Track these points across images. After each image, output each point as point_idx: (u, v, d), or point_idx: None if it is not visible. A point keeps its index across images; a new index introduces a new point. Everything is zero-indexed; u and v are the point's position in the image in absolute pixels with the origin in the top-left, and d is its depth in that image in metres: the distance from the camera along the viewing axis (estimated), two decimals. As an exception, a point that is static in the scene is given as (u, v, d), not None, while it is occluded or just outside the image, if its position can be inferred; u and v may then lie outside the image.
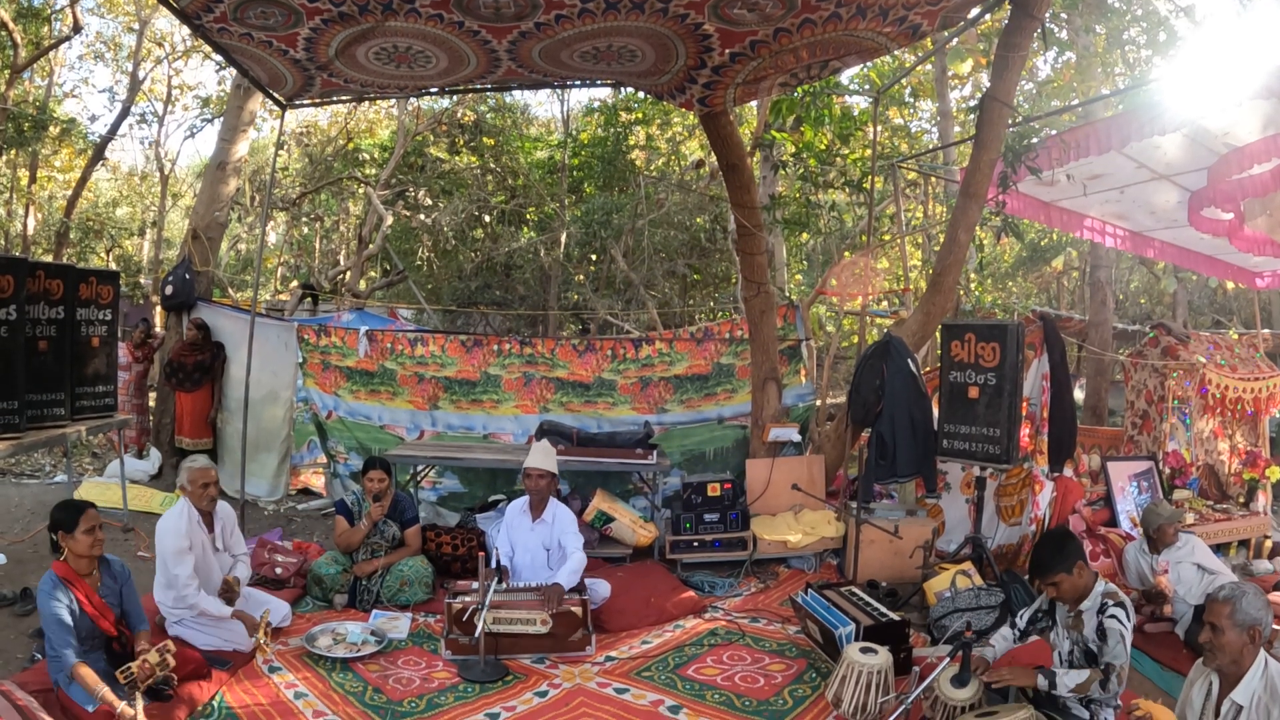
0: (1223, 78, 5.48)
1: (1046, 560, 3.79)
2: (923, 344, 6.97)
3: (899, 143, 15.40)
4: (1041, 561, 3.82)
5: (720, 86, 6.32)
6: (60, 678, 3.77)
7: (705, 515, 6.59)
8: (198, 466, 4.91)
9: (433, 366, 8.08)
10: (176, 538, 4.61)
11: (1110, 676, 3.54)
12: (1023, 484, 6.44)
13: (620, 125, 17.23)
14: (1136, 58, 12.23)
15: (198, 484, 4.85)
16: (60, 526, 4.02)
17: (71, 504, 4.09)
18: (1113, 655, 3.57)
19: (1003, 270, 20.33)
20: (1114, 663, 3.55)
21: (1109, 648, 3.59)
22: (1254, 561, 6.76)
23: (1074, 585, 3.75)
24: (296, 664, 4.71)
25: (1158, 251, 9.39)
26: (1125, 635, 3.58)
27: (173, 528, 4.66)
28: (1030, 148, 6.37)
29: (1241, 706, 3.02)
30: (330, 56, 5.67)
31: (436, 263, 18.73)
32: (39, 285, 6.16)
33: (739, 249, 8.03)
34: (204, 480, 4.87)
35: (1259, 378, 7.93)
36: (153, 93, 19.28)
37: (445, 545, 6.24)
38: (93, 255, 19.06)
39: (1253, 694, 3.01)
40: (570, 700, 4.38)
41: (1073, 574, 3.74)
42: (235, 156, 9.49)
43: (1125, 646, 3.57)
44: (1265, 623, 3.05)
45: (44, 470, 9.05)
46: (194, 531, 4.75)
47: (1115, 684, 3.54)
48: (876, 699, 4.10)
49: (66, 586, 3.92)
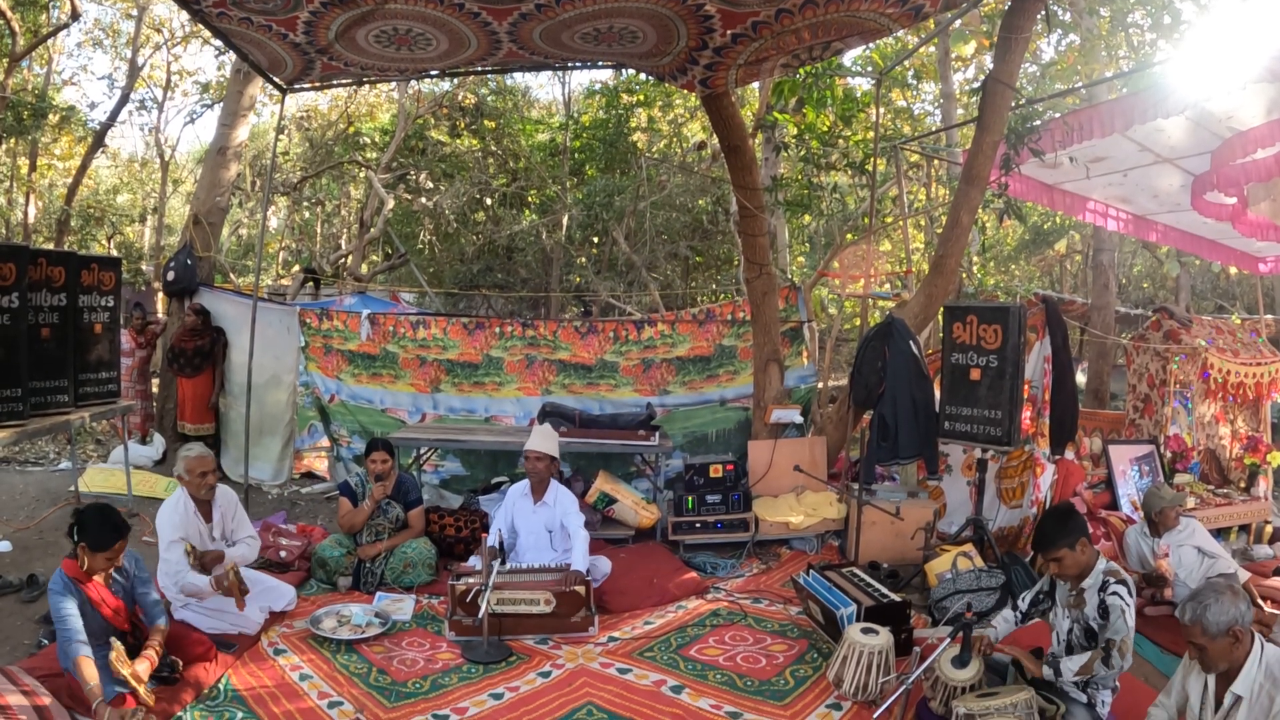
0: (1227, 61, 5.44)
1: (1050, 534, 3.78)
2: (925, 326, 6.97)
3: (901, 125, 15.32)
4: (1046, 536, 3.81)
5: (722, 68, 6.29)
6: (70, 665, 3.74)
7: (707, 497, 6.62)
8: (194, 455, 4.86)
9: (434, 349, 8.09)
10: (170, 529, 4.60)
11: (1112, 652, 3.54)
12: (1024, 466, 6.45)
13: (622, 107, 17.16)
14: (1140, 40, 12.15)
15: (195, 473, 4.80)
16: (86, 539, 3.85)
17: (110, 524, 3.89)
18: (1114, 631, 3.57)
19: (1005, 253, 20.29)
20: (1115, 638, 3.55)
21: (1111, 624, 3.59)
22: (1254, 546, 6.77)
23: (1076, 561, 3.75)
24: (301, 646, 4.74)
25: (1160, 235, 9.36)
26: (1127, 612, 3.57)
27: (167, 519, 4.64)
28: (1033, 130, 6.35)
29: (1242, 697, 3.00)
30: (330, 40, 5.65)
31: (438, 246, 18.70)
32: (41, 273, 6.16)
33: (741, 231, 8.02)
34: (201, 469, 4.82)
35: (1261, 363, 7.92)
36: (152, 79, 19.17)
37: (448, 527, 6.28)
38: (94, 243, 18.99)
39: (1252, 683, 2.99)
40: (573, 680, 4.41)
41: (1076, 550, 3.73)
42: (236, 142, 9.46)
43: (1127, 622, 3.56)
44: (1240, 616, 3.01)
45: (48, 457, 9.08)
46: (189, 522, 4.74)
47: (1118, 659, 3.54)
48: (877, 679, 4.13)
49: (77, 586, 3.83)
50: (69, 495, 7.25)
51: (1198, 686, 3.20)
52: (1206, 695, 3.15)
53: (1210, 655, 3.05)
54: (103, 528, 3.87)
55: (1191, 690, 3.23)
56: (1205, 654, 3.06)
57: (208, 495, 4.88)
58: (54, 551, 5.96)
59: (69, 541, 3.94)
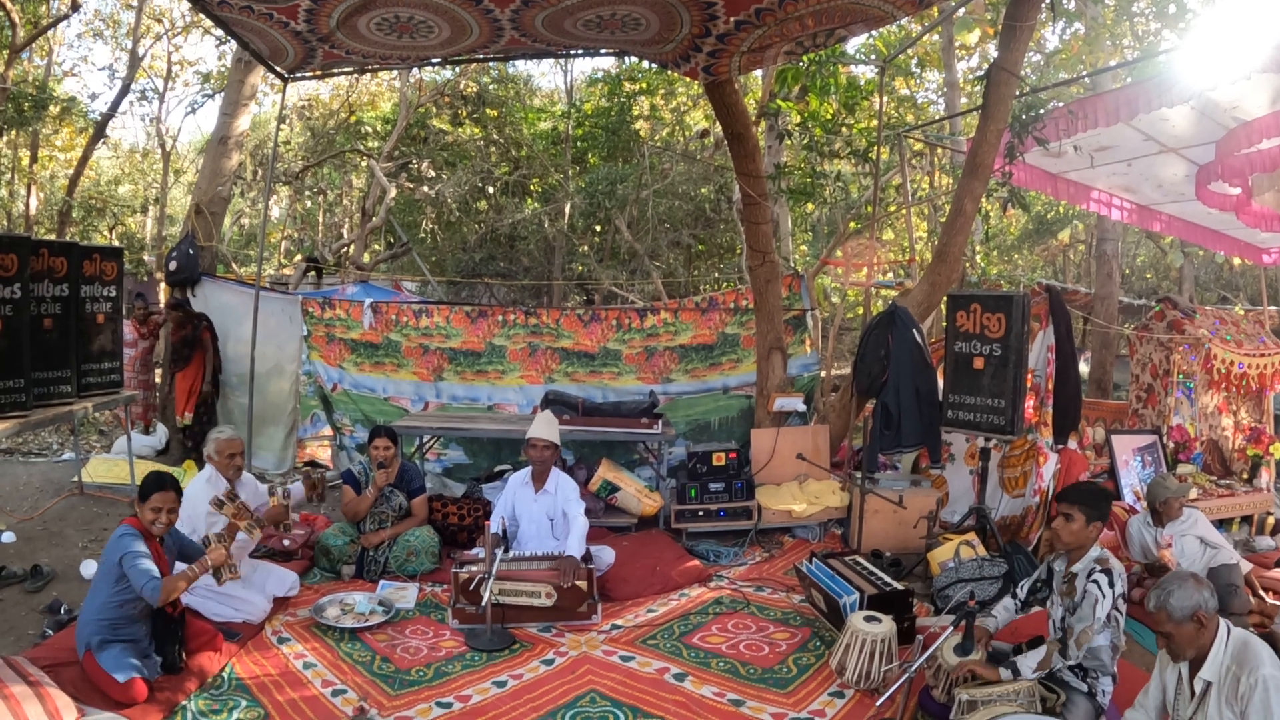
0: (1232, 51, 5.41)
1: (1081, 493, 3.83)
2: (928, 314, 6.96)
3: (905, 113, 15.27)
4: (1076, 490, 3.87)
5: (725, 55, 6.27)
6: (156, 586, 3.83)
7: (710, 484, 6.63)
8: (224, 437, 5.03)
9: (437, 338, 8.09)
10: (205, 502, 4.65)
11: (1069, 642, 3.56)
12: (1027, 456, 6.45)
13: (624, 95, 17.09)
14: (1145, 30, 12.08)
15: (224, 454, 4.97)
16: (140, 492, 4.11)
17: (154, 478, 4.14)
18: (1079, 618, 3.59)
19: (1008, 242, 20.24)
20: (1076, 625, 3.58)
21: (1081, 609, 3.61)
22: (1256, 538, 6.76)
23: (1076, 534, 3.76)
24: (305, 634, 4.76)
25: (1165, 225, 9.32)
26: (1101, 602, 3.58)
27: (202, 492, 4.77)
28: (1037, 118, 6.32)
29: (1210, 682, 3.05)
30: (331, 28, 5.63)
31: (440, 235, 18.67)
32: (43, 263, 6.14)
33: (744, 218, 8.01)
34: (230, 450, 4.99)
35: (1264, 354, 7.91)
36: (153, 69, 19.12)
37: (451, 515, 6.29)
38: (96, 234, 18.97)
39: (1219, 667, 3.04)
40: (576, 668, 4.43)
41: (1084, 521, 3.75)
42: (237, 131, 9.44)
43: (1096, 613, 3.57)
44: (1204, 602, 3.07)
45: (51, 448, 9.09)
46: None
47: (1074, 649, 3.56)
48: (880, 667, 4.14)
49: (138, 532, 4.01)
50: (72, 486, 7.26)
51: (1172, 679, 3.26)
52: (1181, 686, 3.21)
53: (1177, 641, 3.12)
54: (147, 481, 4.13)
55: (1168, 683, 3.28)
56: (1172, 640, 3.13)
57: (235, 476, 5.04)
58: (58, 542, 5.97)
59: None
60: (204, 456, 5.17)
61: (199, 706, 3.91)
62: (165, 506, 4.07)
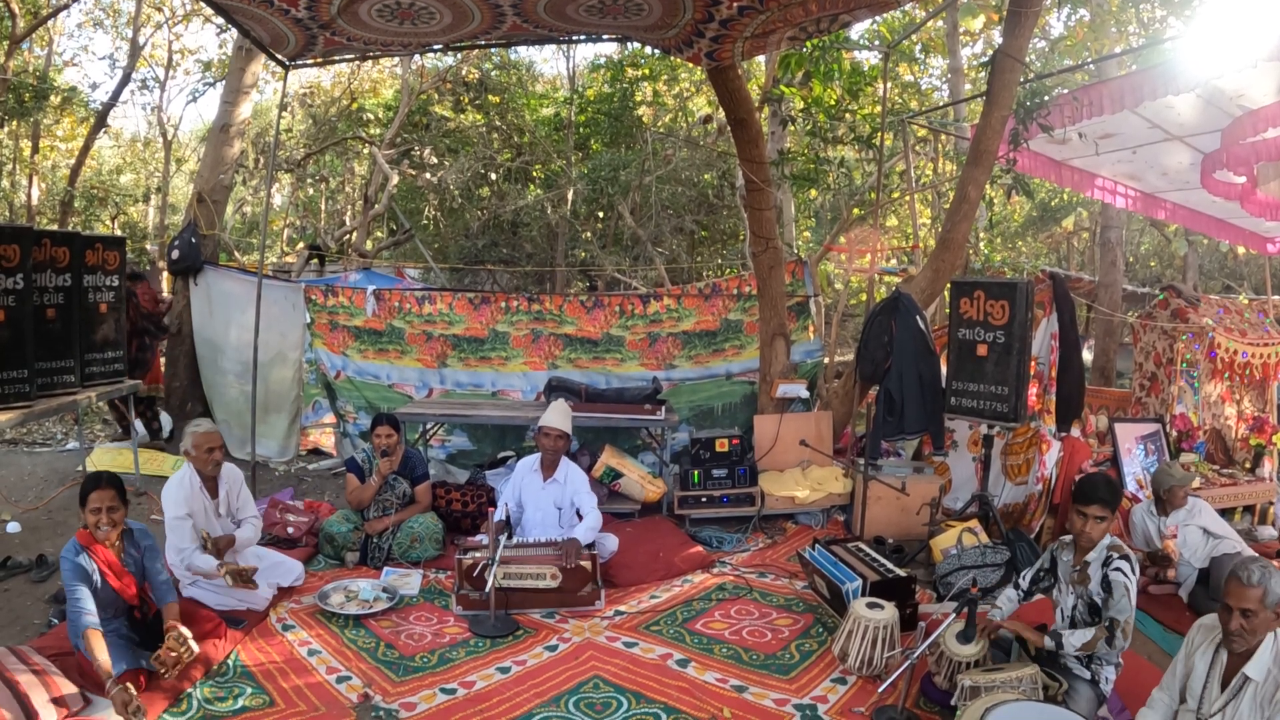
0: (1238, 39, 5.37)
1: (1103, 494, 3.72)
2: (931, 301, 6.96)
3: (909, 99, 15.19)
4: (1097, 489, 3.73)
5: (728, 40, 6.23)
6: (79, 642, 3.75)
7: (713, 471, 6.64)
8: (201, 431, 4.84)
9: (441, 324, 8.09)
10: (175, 505, 4.61)
11: (1115, 632, 3.53)
12: (1029, 443, 6.45)
13: (627, 81, 17.03)
14: (1151, 16, 12.03)
15: (202, 449, 4.78)
16: (79, 495, 3.96)
17: (90, 476, 4.00)
18: (1118, 609, 3.55)
19: (1013, 229, 20.17)
20: (1118, 617, 3.54)
21: (1114, 600, 3.58)
22: (1259, 527, 6.76)
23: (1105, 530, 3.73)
24: (310, 621, 4.78)
25: (1169, 213, 9.30)
26: (1130, 589, 3.56)
27: (173, 495, 4.65)
28: (1042, 105, 6.29)
29: (1253, 680, 2.93)
30: (332, 14, 5.60)
31: (443, 221, 18.63)
32: (45, 253, 6.15)
33: (747, 205, 8.00)
34: (208, 445, 4.80)
35: (1268, 343, 7.88)
36: (153, 58, 19.04)
37: (455, 502, 6.31)
38: (98, 223, 18.96)
39: (1264, 668, 2.93)
40: (580, 654, 4.45)
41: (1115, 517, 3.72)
42: (238, 119, 9.42)
43: (1130, 600, 3.55)
44: None
45: (56, 438, 9.11)
46: (195, 498, 4.74)
47: (1121, 639, 3.54)
48: (882, 654, 4.16)
49: (88, 554, 3.87)
50: (77, 475, 7.28)
51: (1203, 664, 3.10)
52: (1213, 673, 3.06)
53: (1251, 625, 2.92)
54: (84, 483, 3.97)
55: (1197, 665, 3.12)
56: (1251, 623, 2.91)
57: (214, 471, 4.87)
58: (63, 531, 6.00)
59: (79, 522, 3.99)
60: (181, 451, 4.99)
61: (204, 694, 3.93)
62: (104, 506, 3.90)
